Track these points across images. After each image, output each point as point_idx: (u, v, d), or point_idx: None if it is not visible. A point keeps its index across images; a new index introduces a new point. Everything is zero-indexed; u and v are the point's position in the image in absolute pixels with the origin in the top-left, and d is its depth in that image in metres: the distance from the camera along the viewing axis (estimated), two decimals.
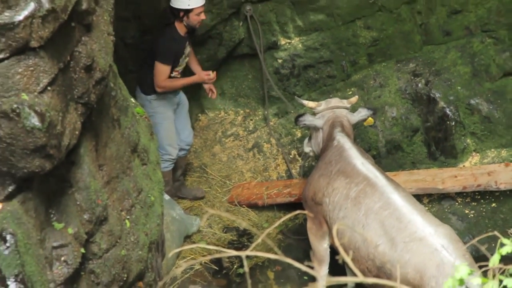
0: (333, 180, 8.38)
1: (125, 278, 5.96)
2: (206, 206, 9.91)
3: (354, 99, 9.55)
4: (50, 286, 5.29)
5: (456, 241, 7.31)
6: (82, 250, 5.61)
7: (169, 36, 9.56)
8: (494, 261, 3.97)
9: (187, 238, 8.97)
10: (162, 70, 9.48)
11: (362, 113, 9.21)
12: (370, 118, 9.41)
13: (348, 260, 4.95)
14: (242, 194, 10.18)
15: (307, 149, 9.54)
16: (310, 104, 9.34)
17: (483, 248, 4.34)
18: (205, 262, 8.72)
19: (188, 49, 9.66)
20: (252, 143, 10.91)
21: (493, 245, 4.18)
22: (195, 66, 10.04)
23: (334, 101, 9.35)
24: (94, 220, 5.74)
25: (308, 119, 9.14)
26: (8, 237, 5.12)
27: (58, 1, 5.11)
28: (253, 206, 9.85)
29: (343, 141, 8.73)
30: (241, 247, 8.12)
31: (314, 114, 9.18)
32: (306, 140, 9.59)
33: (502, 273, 4.02)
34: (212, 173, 10.66)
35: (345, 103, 9.29)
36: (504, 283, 3.93)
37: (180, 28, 9.46)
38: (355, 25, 10.66)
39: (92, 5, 5.57)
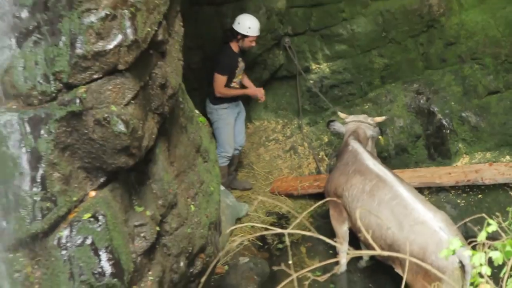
0: (351, 177, 8.41)
1: (190, 251, 5.99)
2: (253, 195, 9.93)
3: (380, 118, 9.43)
4: (132, 256, 5.30)
5: (451, 224, 7.32)
6: (157, 229, 5.63)
7: (226, 52, 9.60)
8: (481, 237, 3.92)
9: (238, 220, 8.98)
10: (219, 79, 9.56)
11: (376, 129, 9.19)
12: (381, 138, 9.43)
13: (368, 236, 4.91)
14: (281, 186, 10.18)
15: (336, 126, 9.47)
16: (342, 115, 9.32)
17: (473, 227, 4.31)
18: (251, 239, 8.71)
19: (242, 64, 9.72)
20: (289, 146, 10.89)
21: (479, 228, 4.14)
22: (247, 82, 10.05)
23: (362, 117, 9.30)
24: (166, 205, 5.77)
25: (336, 125, 9.16)
26: (100, 217, 5.12)
27: (140, 33, 5.11)
28: (290, 196, 9.86)
29: (356, 146, 8.73)
30: (280, 228, 8.12)
31: (343, 123, 9.15)
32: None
33: (488, 248, 3.97)
34: (258, 170, 10.64)
35: (370, 120, 9.21)
36: (489, 255, 3.88)
37: (235, 47, 9.53)
38: (370, 54, 10.62)
39: (166, 37, 5.58)
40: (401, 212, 7.68)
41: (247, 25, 9.41)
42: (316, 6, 10.47)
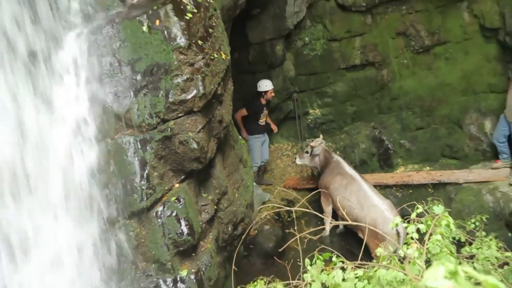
0: (334, 177, 8.50)
1: (234, 221, 6.00)
2: (273, 188, 9.95)
3: (317, 140, 9.30)
4: (200, 223, 5.31)
5: (392, 207, 7.50)
6: (215, 207, 5.64)
7: (256, 103, 9.56)
8: (412, 215, 3.90)
9: (263, 203, 9.00)
10: (242, 111, 9.57)
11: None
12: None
13: (343, 213, 4.81)
14: (290, 183, 10.12)
15: (299, 162, 9.54)
16: (313, 143, 9.27)
17: (407, 209, 4.29)
18: (271, 214, 8.72)
19: (266, 111, 9.68)
20: (295, 159, 10.85)
21: (411, 210, 4.11)
22: (269, 120, 10.02)
23: (318, 140, 9.30)
24: (221, 193, 5.78)
25: (315, 150, 9.12)
26: (181, 199, 5.14)
27: (207, 89, 5.12)
28: (295, 189, 9.77)
29: (338, 158, 8.82)
30: (289, 207, 8.10)
31: (313, 147, 9.18)
32: (297, 158, 9.56)
33: (417, 222, 3.93)
34: (276, 173, 10.60)
35: (316, 141, 9.27)
36: (417, 226, 3.83)
37: (262, 100, 9.49)
38: (345, 104, 10.60)
39: (222, 92, 5.59)
40: (363, 199, 7.75)
41: (264, 84, 9.41)
42: (313, 74, 10.48)
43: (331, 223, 7.72)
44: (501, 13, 8.92)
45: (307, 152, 9.27)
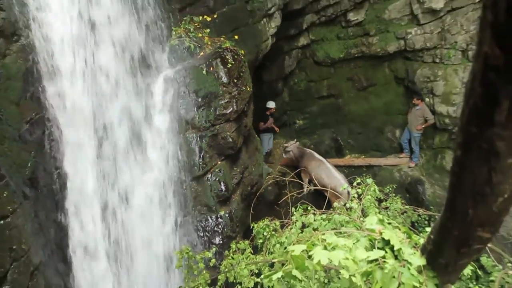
0: (311, 162, 8.20)
1: (252, 184, 5.84)
2: (274, 166, 9.70)
3: (292, 142, 8.79)
4: (232, 185, 5.28)
5: (344, 178, 7.36)
6: (241, 176, 5.53)
7: (265, 114, 9.17)
8: (354, 184, 3.83)
9: (268, 174, 8.81)
10: (260, 124, 9.05)
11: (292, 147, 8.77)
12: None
13: (316, 182, 4.73)
14: (283, 163, 9.84)
15: (284, 155, 9.00)
16: (286, 144, 8.96)
17: (352, 180, 4.26)
18: (273, 181, 8.59)
19: (271, 120, 9.31)
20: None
21: (356, 180, 4.06)
22: (273, 125, 9.54)
23: (291, 142, 8.90)
24: (244, 167, 5.63)
25: (287, 149, 8.74)
26: (222, 170, 5.08)
27: (239, 108, 5.07)
28: (287, 166, 9.53)
29: (311, 151, 8.57)
30: (283, 177, 7.99)
31: (287, 147, 8.80)
32: (283, 153, 9.07)
33: (358, 187, 3.89)
34: (275, 157, 10.44)
35: (289, 143, 8.85)
36: (358, 190, 3.79)
37: (268, 112, 9.16)
38: (317, 118, 10.28)
39: (247, 109, 5.44)
40: (328, 173, 7.61)
41: (270, 104, 9.09)
42: (299, 101, 10.24)
43: (307, 187, 7.60)
44: (406, 70, 8.93)
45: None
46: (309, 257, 1.38)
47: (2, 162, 3.19)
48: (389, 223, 1.64)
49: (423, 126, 8.42)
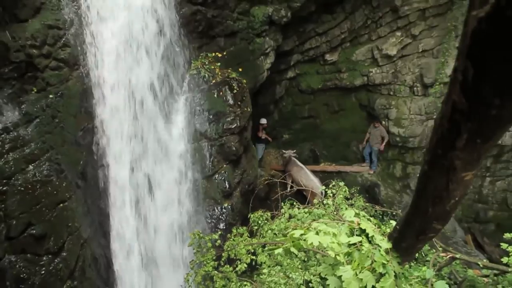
0: (293, 167, 8.03)
1: (249, 183, 5.67)
2: (265, 169, 9.28)
3: (289, 151, 8.34)
4: (234, 183, 5.16)
5: (319, 181, 7.15)
6: (241, 176, 5.41)
7: (258, 128, 8.94)
8: (331, 184, 3.90)
9: (261, 176, 8.59)
10: (258, 133, 8.73)
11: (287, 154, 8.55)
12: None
13: (298, 183, 4.77)
14: (273, 167, 9.52)
15: (284, 155, 8.73)
16: (287, 151, 8.80)
17: (328, 183, 4.39)
18: (265, 181, 8.28)
19: (264, 134, 9.18)
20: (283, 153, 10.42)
21: (330, 184, 4.17)
22: (267, 136, 9.31)
23: (290, 150, 8.79)
24: (243, 170, 5.39)
25: (285, 155, 8.56)
26: (226, 172, 4.95)
27: (241, 123, 5.13)
28: (276, 170, 9.23)
29: (294, 159, 8.32)
30: (274, 179, 7.91)
31: (285, 153, 8.65)
32: (284, 154, 8.72)
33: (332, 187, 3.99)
34: (267, 162, 10.23)
35: (288, 151, 8.64)
36: (332, 190, 3.90)
37: (260, 127, 8.91)
38: (300, 134, 10.15)
39: (247, 125, 5.43)
40: (306, 177, 7.48)
41: (262, 121, 8.86)
42: (286, 119, 10.26)
43: (292, 187, 7.54)
44: (368, 99, 9.13)
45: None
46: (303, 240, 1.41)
47: (63, 160, 3.30)
48: (364, 216, 1.74)
49: (383, 144, 8.51)
